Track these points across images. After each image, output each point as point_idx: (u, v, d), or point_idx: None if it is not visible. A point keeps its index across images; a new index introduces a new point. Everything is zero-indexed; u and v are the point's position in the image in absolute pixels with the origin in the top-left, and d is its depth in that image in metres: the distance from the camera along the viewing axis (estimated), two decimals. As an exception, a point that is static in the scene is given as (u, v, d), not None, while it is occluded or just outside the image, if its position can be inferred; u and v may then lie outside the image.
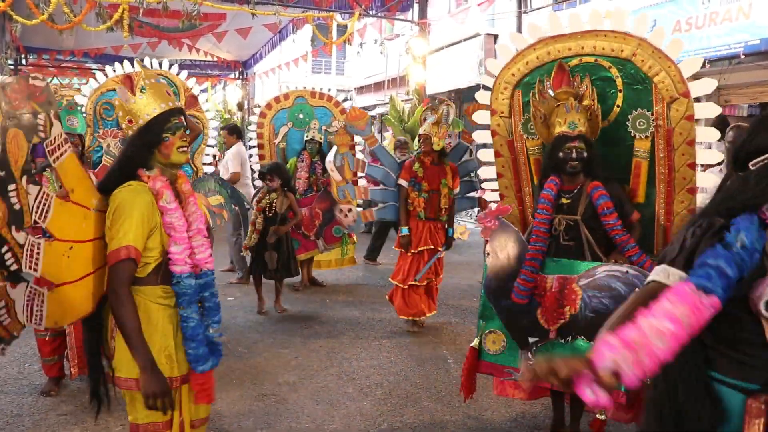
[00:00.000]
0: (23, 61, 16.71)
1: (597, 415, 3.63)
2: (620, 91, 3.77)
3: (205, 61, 19.26)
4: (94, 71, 6.82)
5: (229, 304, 7.32)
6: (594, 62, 3.78)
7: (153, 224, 2.56)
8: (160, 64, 6.49)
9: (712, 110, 3.65)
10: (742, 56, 9.48)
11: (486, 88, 4.16)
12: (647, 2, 11.67)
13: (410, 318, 6.44)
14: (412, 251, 6.28)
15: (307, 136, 8.07)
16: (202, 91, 25.70)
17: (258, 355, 5.74)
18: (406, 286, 6.33)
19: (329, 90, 8.77)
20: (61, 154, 2.44)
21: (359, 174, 7.27)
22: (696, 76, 3.61)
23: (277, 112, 8.33)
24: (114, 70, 6.42)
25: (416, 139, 6.46)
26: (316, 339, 6.24)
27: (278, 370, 5.37)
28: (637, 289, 3.25)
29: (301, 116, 8.35)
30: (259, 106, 8.55)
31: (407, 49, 13.76)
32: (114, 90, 6.46)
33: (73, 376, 4.73)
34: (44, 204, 2.37)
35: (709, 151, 3.73)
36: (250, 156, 8.61)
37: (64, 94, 6.74)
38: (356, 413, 4.58)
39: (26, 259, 2.33)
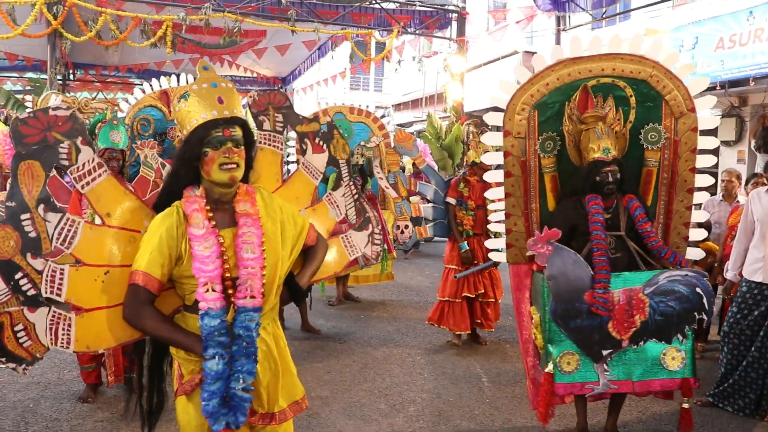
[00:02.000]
0: (71, 77, 17.14)
1: (683, 404, 3.91)
2: (633, 108, 4.08)
3: (245, 77, 19.54)
4: (137, 86, 6.96)
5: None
6: (611, 83, 4.04)
7: (178, 251, 2.36)
8: (195, 79, 6.60)
9: (711, 122, 4.19)
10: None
11: (499, 109, 4.21)
12: (688, 19, 11.56)
13: (457, 332, 6.51)
14: (459, 267, 6.35)
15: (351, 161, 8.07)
16: (244, 107, 26.18)
17: (291, 368, 5.75)
18: (456, 299, 6.39)
19: (367, 106, 8.82)
20: (93, 179, 2.43)
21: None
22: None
23: (315, 128, 8.38)
24: (151, 86, 6.54)
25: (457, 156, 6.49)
26: (349, 354, 6.24)
27: (311, 384, 5.38)
28: (697, 289, 3.70)
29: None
30: (297, 121, 8.63)
31: (445, 66, 13.79)
32: (151, 106, 6.61)
33: (110, 384, 4.80)
34: (69, 230, 2.37)
35: (705, 157, 4.14)
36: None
37: (95, 107, 6.86)
38: (388, 429, 4.56)
39: (46, 284, 2.33)
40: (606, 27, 14.18)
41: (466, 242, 6.32)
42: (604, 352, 3.82)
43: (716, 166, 4.65)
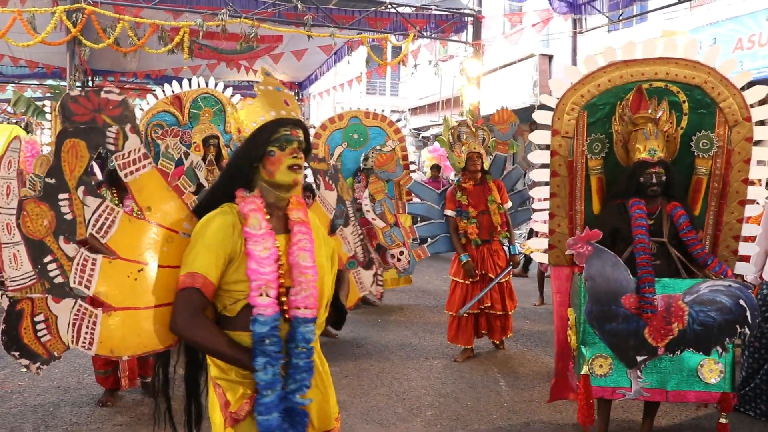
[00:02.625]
0: (90, 83, 17.31)
1: (721, 420, 3.78)
2: (685, 114, 4.07)
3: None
4: (154, 92, 7.03)
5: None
6: (664, 87, 4.03)
7: (232, 251, 2.19)
8: (207, 83, 6.62)
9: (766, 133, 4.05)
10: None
11: (547, 108, 4.27)
12: (705, 20, 11.49)
13: (462, 346, 6.27)
14: (470, 280, 6.10)
15: (365, 165, 8.04)
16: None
17: (309, 373, 5.75)
18: (457, 314, 6.14)
19: (383, 111, 8.83)
20: (137, 169, 2.31)
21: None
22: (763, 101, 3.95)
23: (331, 133, 8.41)
24: (164, 91, 6.58)
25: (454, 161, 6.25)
26: (366, 358, 6.23)
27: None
28: (741, 301, 3.60)
29: (355, 136, 8.42)
30: (314, 127, 8.65)
31: (461, 70, 13.76)
32: (164, 111, 6.66)
33: (124, 388, 4.84)
34: (107, 219, 2.22)
35: (760, 168, 4.07)
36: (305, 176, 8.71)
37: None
38: (406, 434, 4.55)
39: (76, 273, 2.18)
40: (622, 29, 14.12)
41: (466, 254, 6.05)
42: (639, 359, 3.75)
43: None
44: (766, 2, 10.32)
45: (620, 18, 13.31)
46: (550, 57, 15.79)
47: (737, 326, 3.66)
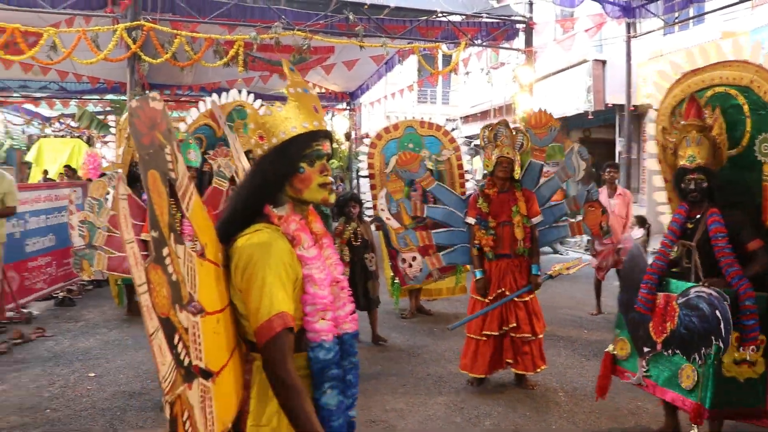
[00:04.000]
0: (147, 97, 17.83)
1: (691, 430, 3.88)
2: (748, 117, 3.94)
3: (313, 93, 19.88)
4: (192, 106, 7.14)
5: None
6: (724, 91, 4.02)
7: (295, 278, 1.99)
8: (239, 92, 6.73)
9: None
10: None
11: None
12: (765, 21, 11.17)
13: (473, 375, 5.59)
14: (489, 298, 5.46)
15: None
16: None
17: (366, 381, 5.79)
18: (479, 337, 5.50)
19: (430, 118, 8.85)
20: (190, 199, 1.78)
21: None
22: None
23: (387, 142, 8.45)
24: (203, 105, 6.72)
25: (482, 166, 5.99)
26: (423, 367, 6.25)
27: (386, 396, 5.41)
28: (717, 312, 3.53)
29: (410, 146, 8.42)
30: (369, 136, 8.72)
31: (514, 77, 13.70)
32: (205, 125, 6.78)
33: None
34: (191, 268, 1.72)
35: None
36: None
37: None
38: (465, 443, 4.55)
39: (192, 346, 1.71)
40: (678, 32, 13.86)
41: (481, 269, 5.50)
42: (645, 350, 4.06)
43: None
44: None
45: (676, 21, 13.08)
46: (604, 62, 15.57)
47: (712, 337, 3.55)
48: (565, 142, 6.17)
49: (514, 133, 5.56)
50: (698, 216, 4.01)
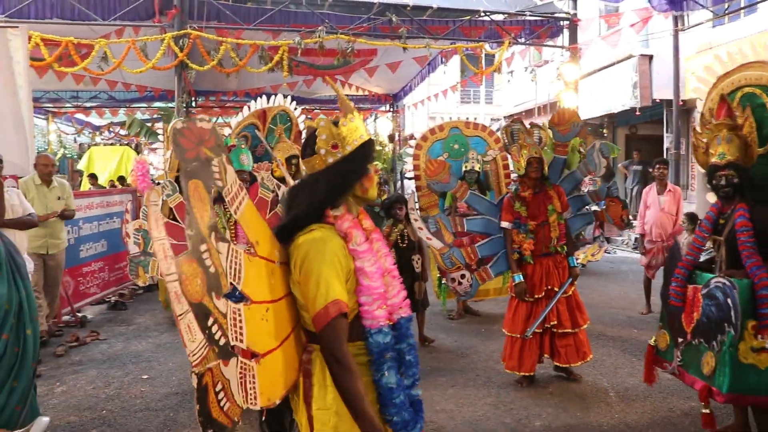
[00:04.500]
0: (193, 104, 18.12)
1: (702, 410, 4.07)
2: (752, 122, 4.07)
3: (356, 95, 19.95)
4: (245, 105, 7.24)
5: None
6: (752, 91, 4.14)
7: (348, 271, 2.23)
8: (285, 97, 6.75)
9: None
10: None
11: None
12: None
13: (521, 374, 5.67)
14: (529, 299, 5.58)
15: (466, 167, 8.00)
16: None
17: (415, 382, 5.80)
18: (523, 336, 5.55)
19: (475, 118, 8.81)
20: (240, 203, 2.16)
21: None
22: None
23: (432, 144, 8.44)
24: (253, 105, 6.82)
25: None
26: (472, 368, 6.22)
27: (435, 397, 5.41)
28: (729, 300, 3.70)
29: (456, 146, 8.41)
30: (414, 138, 8.72)
31: (558, 75, 13.54)
32: (252, 124, 6.88)
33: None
34: (236, 263, 2.06)
35: None
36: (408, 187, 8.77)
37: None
38: (516, 444, 4.52)
39: (231, 329, 2.01)
40: (729, 23, 13.51)
41: (520, 274, 5.54)
42: (679, 340, 4.19)
43: None
44: None
45: (726, 12, 12.75)
46: (650, 57, 15.28)
47: (725, 324, 3.73)
48: (587, 138, 6.07)
49: (530, 128, 5.67)
50: (729, 211, 4.15)
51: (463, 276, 5.82)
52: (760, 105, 4.08)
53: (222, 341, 1.99)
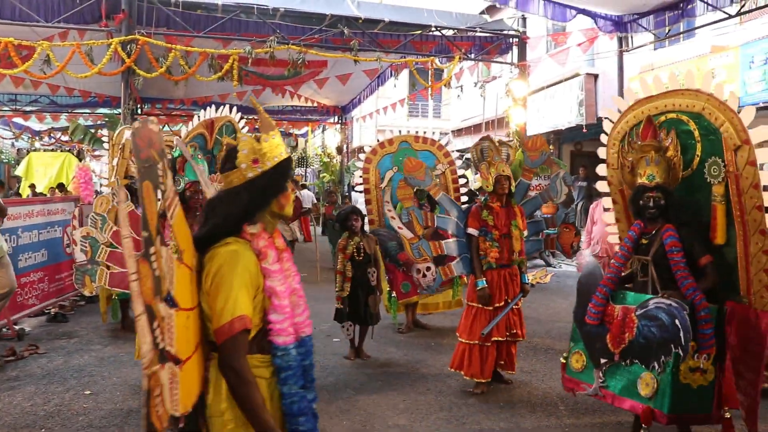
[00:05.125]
0: (138, 111, 17.79)
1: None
2: (698, 141, 4.19)
3: (305, 106, 19.92)
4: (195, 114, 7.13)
5: (336, 345, 7.41)
6: (676, 117, 4.27)
7: (257, 287, 2.31)
8: (230, 109, 6.69)
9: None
10: None
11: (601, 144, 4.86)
12: (757, 35, 11.28)
13: (480, 380, 5.80)
14: (488, 307, 5.76)
15: (417, 187, 8.00)
16: (302, 135, 26.59)
17: (367, 396, 5.76)
18: (487, 343, 5.74)
19: (432, 134, 8.85)
20: (174, 210, 2.14)
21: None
22: None
23: (382, 158, 8.42)
24: (203, 114, 6.72)
25: (479, 182, 6.03)
26: (423, 382, 6.20)
27: (388, 412, 5.37)
28: (676, 321, 3.72)
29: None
30: (363, 151, 8.70)
31: (507, 91, 13.76)
32: (200, 134, 6.78)
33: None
34: (171, 268, 2.05)
35: None
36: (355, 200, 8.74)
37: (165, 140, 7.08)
38: (469, 459, 4.51)
39: (166, 333, 1.98)
40: (669, 47, 13.97)
41: (484, 279, 5.73)
42: (602, 361, 4.17)
43: None
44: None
45: (667, 35, 13.17)
46: (596, 76, 15.67)
47: (671, 346, 3.75)
48: (552, 167, 6.42)
49: (498, 145, 5.93)
50: (653, 232, 4.24)
51: (428, 268, 6.18)
52: (685, 131, 4.22)
53: (161, 345, 1.97)
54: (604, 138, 4.79)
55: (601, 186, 4.94)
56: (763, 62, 10.69)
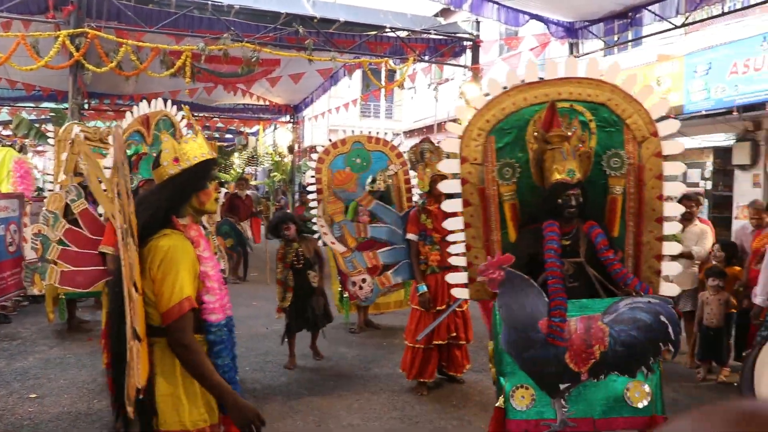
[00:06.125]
0: (86, 106, 17.34)
1: None
2: (593, 133, 3.88)
3: (257, 105, 19.72)
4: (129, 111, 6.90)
5: (287, 346, 7.37)
6: (569, 107, 3.85)
7: (196, 273, 2.60)
8: (165, 102, 6.59)
9: (676, 147, 3.87)
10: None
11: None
12: (701, 45, 11.65)
13: (422, 381, 5.89)
14: (432, 309, 5.76)
15: (372, 188, 7.96)
16: (253, 134, 26.32)
17: (320, 396, 5.76)
18: (429, 346, 5.79)
19: (386, 134, 8.86)
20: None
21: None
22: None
23: (334, 158, 8.39)
24: (136, 111, 6.57)
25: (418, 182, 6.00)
26: (376, 382, 6.23)
27: (341, 412, 5.37)
28: (662, 317, 3.39)
29: (358, 161, 8.38)
30: (316, 150, 8.68)
31: (460, 93, 13.88)
32: (137, 131, 6.64)
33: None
34: (133, 257, 2.41)
35: (673, 184, 3.96)
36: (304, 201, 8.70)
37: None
38: (423, 458, 4.54)
39: (134, 313, 2.37)
40: (618, 54, 14.29)
41: (424, 284, 5.73)
42: (562, 386, 3.49)
43: (731, 189, 4.52)
44: (761, 28, 10.51)
45: (616, 43, 13.49)
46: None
47: (660, 344, 3.45)
48: None
49: (437, 148, 5.77)
50: (573, 231, 3.79)
51: (364, 280, 5.93)
52: (580, 122, 3.88)
53: (132, 324, 2.36)
54: (455, 128, 4.00)
55: (446, 186, 4.08)
56: (705, 72, 11.03)
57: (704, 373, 6.51)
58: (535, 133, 3.82)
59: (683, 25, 11.77)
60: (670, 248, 3.92)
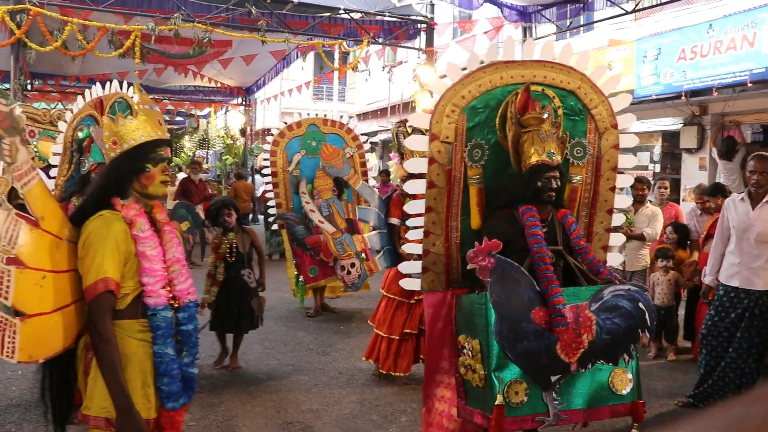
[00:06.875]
0: (29, 87, 16.77)
1: (632, 430, 3.53)
2: (560, 121, 3.80)
3: (208, 87, 19.39)
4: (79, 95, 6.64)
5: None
6: (540, 92, 3.74)
7: (127, 253, 2.51)
8: (121, 85, 6.44)
9: (631, 140, 4.07)
10: (749, 84, 9.59)
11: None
12: (650, 31, 11.85)
13: (390, 372, 5.68)
14: (415, 299, 5.52)
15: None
16: (204, 117, 25.91)
17: (278, 382, 5.73)
18: (399, 337, 5.62)
19: (340, 117, 8.81)
20: (29, 181, 2.41)
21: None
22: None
23: (290, 140, 8.31)
24: (89, 95, 6.36)
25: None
26: (334, 366, 6.22)
27: (300, 397, 5.35)
28: (639, 304, 3.42)
29: (313, 143, 8.31)
30: (270, 133, 8.57)
31: (414, 76, 13.86)
32: (90, 116, 6.43)
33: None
34: (13, 230, 2.32)
35: (624, 176, 4.10)
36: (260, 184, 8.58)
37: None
38: (383, 441, 4.56)
39: (3, 287, 2.29)
40: (570, 38, 14.45)
41: None
42: (553, 378, 3.35)
43: (679, 172, 4.64)
44: (707, 15, 10.75)
45: (569, 27, 13.62)
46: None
47: (638, 330, 3.44)
48: None
49: (410, 132, 5.55)
50: (548, 218, 3.67)
51: (353, 265, 5.80)
52: (553, 109, 3.79)
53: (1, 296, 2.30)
54: (425, 103, 3.82)
55: (413, 165, 3.85)
56: (654, 57, 11.23)
57: (655, 350, 6.73)
58: (511, 115, 3.62)
59: (634, 10, 11.97)
60: (617, 239, 4.15)
